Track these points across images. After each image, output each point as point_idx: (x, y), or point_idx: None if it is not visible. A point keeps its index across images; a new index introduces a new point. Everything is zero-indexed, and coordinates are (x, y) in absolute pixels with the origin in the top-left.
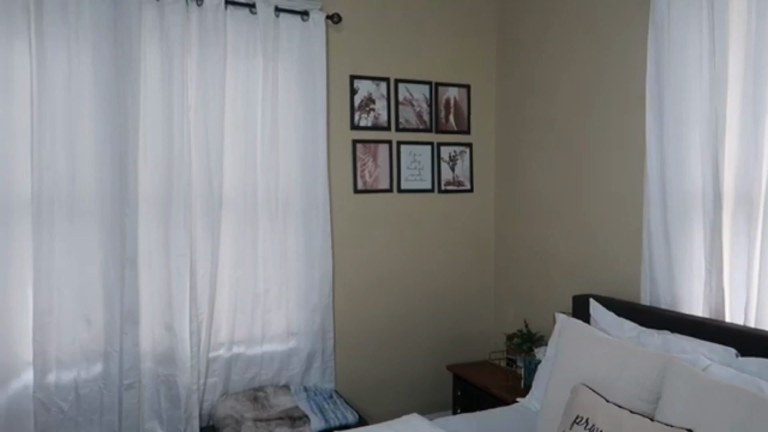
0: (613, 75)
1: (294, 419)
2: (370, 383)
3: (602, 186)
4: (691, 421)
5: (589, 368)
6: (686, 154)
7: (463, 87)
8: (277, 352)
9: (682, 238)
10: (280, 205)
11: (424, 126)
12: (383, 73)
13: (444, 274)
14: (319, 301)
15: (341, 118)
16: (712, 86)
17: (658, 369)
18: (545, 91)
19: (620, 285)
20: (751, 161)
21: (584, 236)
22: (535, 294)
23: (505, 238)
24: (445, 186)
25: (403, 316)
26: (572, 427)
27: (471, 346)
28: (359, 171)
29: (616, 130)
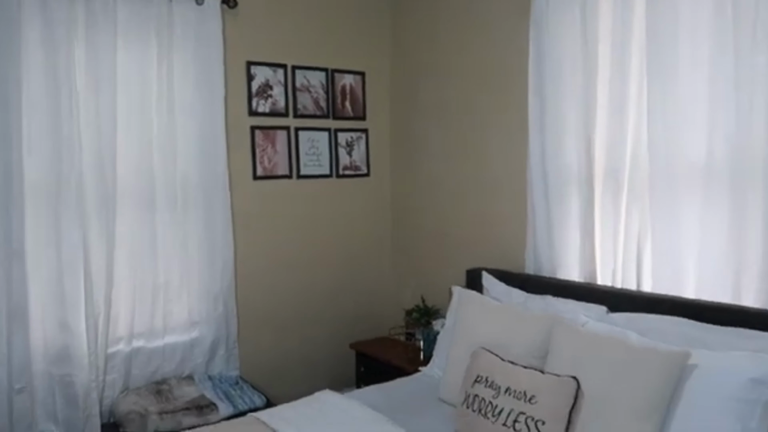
0: (500, 63)
1: (201, 408)
2: (276, 367)
3: (491, 167)
4: (575, 370)
5: (485, 333)
6: (564, 136)
7: (358, 74)
8: (180, 342)
9: (560, 213)
10: (179, 193)
11: (321, 112)
12: (280, 60)
13: (344, 256)
14: (221, 289)
15: (239, 105)
16: (584, 74)
17: (545, 328)
18: (437, 78)
19: (508, 257)
20: (617, 142)
21: (475, 214)
22: (431, 271)
23: (401, 219)
24: (343, 171)
25: (306, 298)
26: (474, 386)
27: (372, 323)
28: (258, 157)
29: (502, 115)
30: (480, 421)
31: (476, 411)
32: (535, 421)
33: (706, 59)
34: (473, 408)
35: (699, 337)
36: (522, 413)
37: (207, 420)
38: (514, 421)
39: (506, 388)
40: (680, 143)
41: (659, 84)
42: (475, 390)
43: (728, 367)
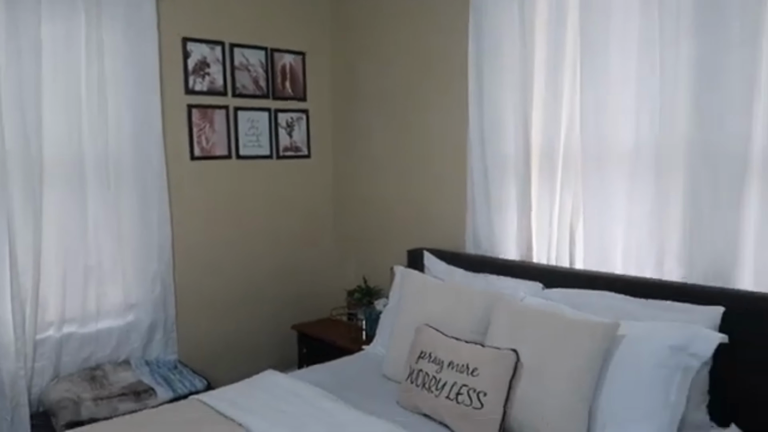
0: (440, 48)
1: (138, 393)
2: (216, 350)
3: (432, 149)
4: (514, 342)
5: (428, 310)
6: (502, 122)
7: (298, 54)
8: (115, 327)
9: (498, 194)
10: (112, 172)
11: (261, 92)
12: (217, 37)
13: (285, 237)
14: (158, 271)
15: (175, 82)
16: (522, 63)
17: (486, 304)
18: (378, 60)
19: (449, 238)
20: (552, 127)
21: (417, 196)
22: (373, 251)
23: (343, 201)
24: (284, 152)
25: (246, 280)
26: (418, 361)
27: (314, 304)
28: (196, 137)
29: (443, 99)
30: (424, 395)
31: (420, 385)
32: (477, 393)
33: (635, 49)
34: (417, 383)
35: (626, 309)
36: (465, 385)
37: (145, 405)
38: (457, 393)
39: (449, 363)
40: (610, 129)
41: (591, 73)
42: (419, 365)
43: (652, 336)
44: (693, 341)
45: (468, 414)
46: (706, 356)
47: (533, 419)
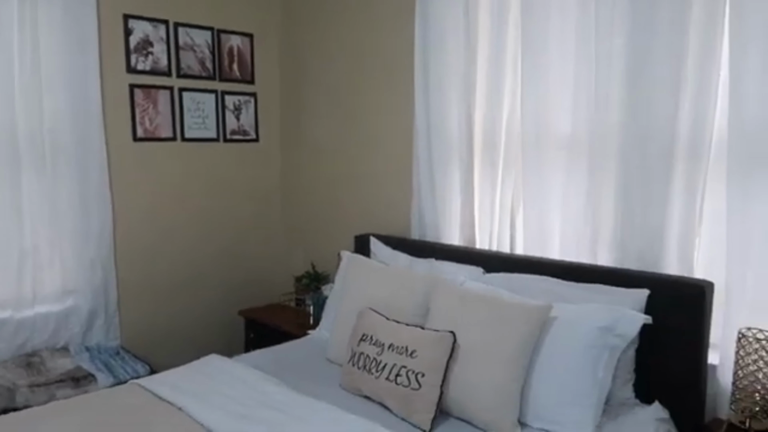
0: (387, 36)
1: (77, 379)
2: (161, 336)
3: (379, 136)
4: (453, 324)
5: (372, 294)
6: (447, 109)
7: (246, 36)
8: (53, 312)
9: (443, 182)
10: (48, 152)
11: (207, 73)
12: (161, 15)
13: (232, 222)
14: (98, 255)
15: (116, 61)
16: (465, 52)
17: (426, 288)
18: (328, 45)
19: (395, 223)
20: (494, 116)
21: (364, 182)
22: (321, 237)
23: (291, 186)
24: (231, 135)
25: (192, 265)
26: (359, 344)
27: (262, 290)
28: (138, 118)
29: (391, 85)
30: (365, 377)
31: (362, 368)
32: (416, 374)
33: (572, 42)
34: (359, 365)
35: (561, 292)
36: (404, 367)
37: (85, 391)
38: (396, 375)
39: (389, 345)
40: (549, 119)
41: (531, 65)
42: (361, 348)
43: (582, 318)
44: (619, 322)
45: (406, 395)
46: (631, 336)
47: (469, 398)
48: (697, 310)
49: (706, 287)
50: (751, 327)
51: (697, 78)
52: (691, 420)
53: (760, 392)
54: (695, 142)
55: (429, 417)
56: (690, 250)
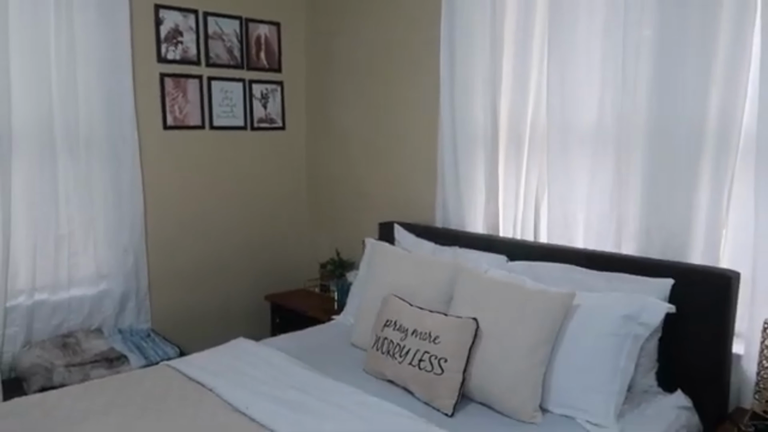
0: (414, 27)
1: (111, 360)
2: (190, 319)
3: (404, 126)
4: (475, 311)
5: (396, 281)
6: (472, 101)
7: (273, 24)
8: (87, 295)
9: (468, 171)
10: (82, 141)
11: (235, 62)
12: (191, 5)
13: (259, 209)
14: (130, 241)
15: (147, 50)
16: (492, 46)
17: (450, 275)
18: (354, 33)
19: (419, 212)
20: (519, 108)
21: (388, 170)
22: (346, 224)
23: (316, 174)
24: (258, 123)
25: (220, 250)
26: (383, 329)
27: (287, 276)
28: (168, 106)
29: (417, 75)
30: (388, 361)
31: (385, 353)
32: (439, 359)
33: (600, 34)
34: (382, 350)
35: (585, 281)
36: (427, 352)
37: (117, 372)
38: (420, 360)
39: (413, 331)
40: (574, 110)
41: (558, 56)
42: (385, 333)
43: (605, 306)
44: (643, 311)
45: (430, 379)
46: (654, 325)
47: (491, 384)
48: (722, 299)
49: (733, 277)
50: None
51: (726, 70)
52: (714, 409)
53: None
54: (724, 133)
55: (451, 402)
56: (716, 240)
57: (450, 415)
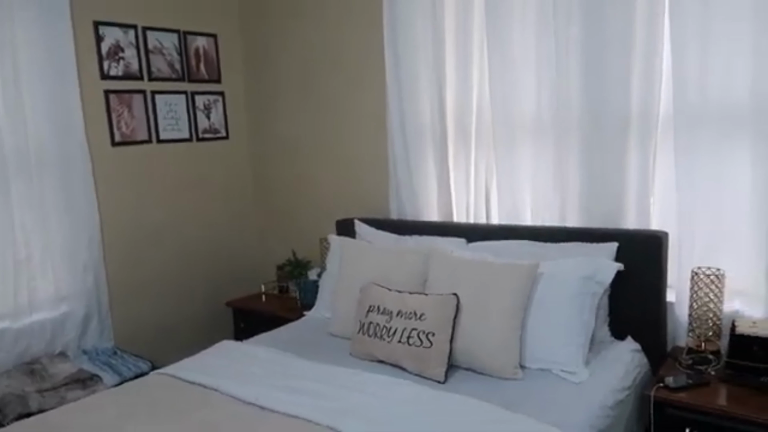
0: (357, 26)
1: (83, 381)
2: (154, 333)
3: (352, 125)
4: (452, 289)
5: (370, 271)
6: (419, 97)
7: (210, 36)
8: (49, 319)
9: (419, 164)
10: (34, 162)
11: (176, 75)
12: (130, 20)
13: (210, 218)
14: (89, 260)
15: (90, 68)
16: (434, 45)
17: (422, 259)
18: (291, 39)
19: (373, 207)
20: (464, 100)
21: (339, 170)
22: (298, 226)
23: (263, 180)
24: (203, 134)
25: (177, 263)
26: (367, 315)
27: (244, 282)
28: (115, 123)
29: (361, 77)
30: (377, 343)
31: (372, 335)
32: (426, 334)
33: (533, 33)
34: (369, 333)
35: (541, 253)
36: (414, 329)
37: (93, 391)
38: (408, 336)
39: (398, 312)
40: (516, 100)
41: (497, 53)
42: (370, 318)
43: (565, 271)
44: (597, 271)
45: (420, 353)
46: (608, 282)
47: (475, 350)
48: (655, 256)
49: (663, 237)
50: (701, 266)
51: (644, 61)
52: (657, 349)
53: (712, 319)
54: (645, 116)
55: (442, 370)
56: (646, 207)
57: (442, 381)
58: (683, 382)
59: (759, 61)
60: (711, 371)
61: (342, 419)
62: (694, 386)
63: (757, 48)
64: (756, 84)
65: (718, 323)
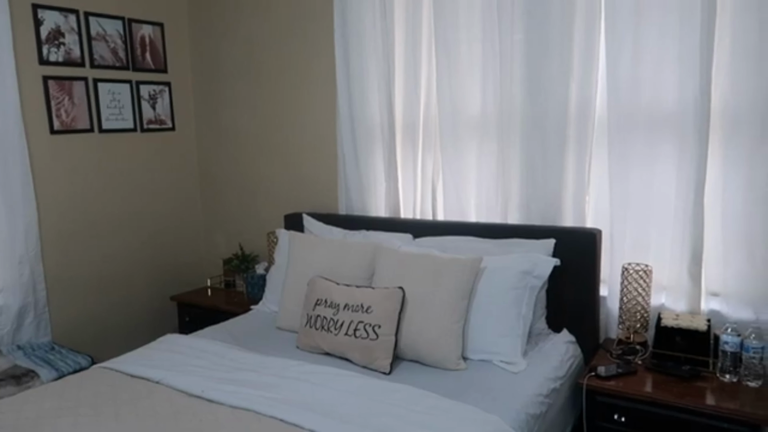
0: (306, 21)
1: (18, 377)
2: (93, 328)
3: (301, 121)
4: (398, 282)
5: (318, 264)
6: (368, 94)
7: (156, 25)
8: None
9: (368, 161)
10: None
11: (120, 63)
12: (70, 4)
13: (154, 211)
14: (26, 252)
15: (28, 52)
16: (383, 41)
17: (369, 253)
18: (240, 32)
19: (322, 202)
20: (412, 101)
21: (288, 165)
22: (244, 220)
23: (209, 173)
24: (148, 125)
25: (120, 256)
26: (315, 308)
27: (189, 276)
28: (54, 110)
29: (310, 73)
30: (323, 335)
31: (320, 328)
32: (373, 326)
33: (479, 37)
34: (316, 326)
35: (483, 248)
36: (361, 322)
37: (28, 387)
38: (355, 329)
39: (345, 305)
40: (461, 102)
41: (445, 54)
42: (317, 311)
43: (506, 266)
44: (536, 266)
45: (366, 345)
46: (545, 276)
47: (420, 342)
48: (590, 252)
49: (596, 234)
50: (631, 262)
51: (581, 67)
52: (590, 340)
53: (640, 312)
54: (582, 119)
55: (388, 361)
56: (582, 205)
57: (388, 373)
58: (613, 372)
59: (683, 70)
60: (638, 361)
61: (288, 410)
62: (622, 375)
63: (682, 58)
64: (681, 91)
65: (645, 316)
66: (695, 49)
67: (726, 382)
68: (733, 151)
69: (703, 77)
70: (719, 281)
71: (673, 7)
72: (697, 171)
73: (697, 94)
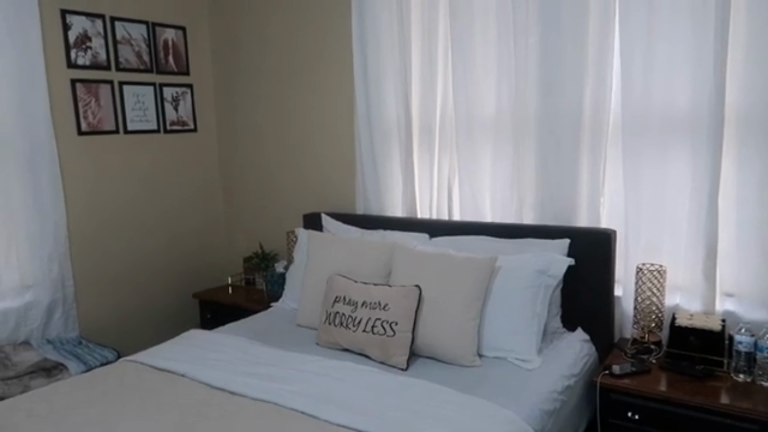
0: (325, 24)
1: (48, 369)
2: (120, 324)
3: (320, 122)
4: (415, 281)
5: (336, 263)
6: (385, 97)
7: (179, 29)
8: (13, 308)
9: (385, 161)
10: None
11: (144, 66)
12: (97, 10)
13: (177, 210)
14: (54, 249)
15: (57, 56)
16: (400, 44)
17: (386, 252)
18: (260, 35)
19: (339, 202)
20: (429, 102)
21: (307, 166)
22: (264, 219)
23: (230, 173)
24: (171, 126)
25: (144, 254)
26: (333, 305)
27: (211, 274)
28: (82, 112)
29: (329, 75)
30: (342, 332)
31: (338, 325)
32: (390, 323)
33: (494, 40)
34: (335, 323)
35: (498, 248)
36: (378, 319)
37: (58, 379)
38: (372, 326)
39: (363, 302)
40: (477, 103)
41: (461, 57)
42: (336, 308)
43: (521, 265)
44: (550, 265)
45: (383, 341)
46: (560, 276)
47: (436, 339)
48: (604, 253)
49: (611, 234)
50: (645, 263)
51: (595, 70)
52: (604, 340)
53: (655, 312)
54: (597, 120)
55: (404, 358)
56: (596, 206)
57: (404, 369)
58: (627, 370)
59: (697, 70)
60: (653, 360)
61: (308, 402)
62: (637, 374)
63: (696, 59)
64: (694, 93)
65: (660, 316)
66: (709, 50)
67: (740, 382)
68: (747, 151)
69: (717, 78)
70: (734, 282)
71: (686, 7)
72: (711, 171)
73: (712, 95)
